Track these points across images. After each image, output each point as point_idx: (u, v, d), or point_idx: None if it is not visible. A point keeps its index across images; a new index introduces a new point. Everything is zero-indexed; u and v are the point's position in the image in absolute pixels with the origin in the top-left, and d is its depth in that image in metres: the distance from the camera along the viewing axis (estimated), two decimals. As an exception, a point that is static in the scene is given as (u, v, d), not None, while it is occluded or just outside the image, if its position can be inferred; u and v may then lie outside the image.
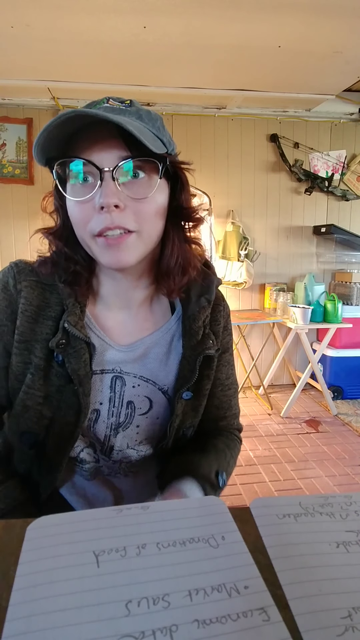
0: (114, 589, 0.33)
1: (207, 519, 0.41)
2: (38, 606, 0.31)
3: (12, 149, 3.10)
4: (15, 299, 0.65)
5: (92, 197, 0.56)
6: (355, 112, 3.38)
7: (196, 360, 0.67)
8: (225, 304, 0.76)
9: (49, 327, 0.64)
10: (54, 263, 0.65)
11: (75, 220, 0.59)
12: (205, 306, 0.70)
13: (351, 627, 0.30)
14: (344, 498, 0.45)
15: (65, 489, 0.73)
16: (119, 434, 0.69)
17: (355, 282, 3.26)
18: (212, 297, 0.71)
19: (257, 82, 2.77)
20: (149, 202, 0.58)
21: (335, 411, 3.02)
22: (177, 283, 0.67)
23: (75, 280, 0.65)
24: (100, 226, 0.56)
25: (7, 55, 2.38)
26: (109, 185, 0.55)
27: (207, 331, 0.70)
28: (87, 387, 0.64)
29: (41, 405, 0.64)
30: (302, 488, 2.10)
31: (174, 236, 0.66)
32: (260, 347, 3.43)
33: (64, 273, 0.65)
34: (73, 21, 2.03)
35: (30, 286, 0.65)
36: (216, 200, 3.27)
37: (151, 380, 0.69)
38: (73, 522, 0.40)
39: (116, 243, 0.57)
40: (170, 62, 2.49)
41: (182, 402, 0.68)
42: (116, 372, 0.68)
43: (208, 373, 0.71)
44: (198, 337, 0.68)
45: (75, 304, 0.64)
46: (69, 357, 0.62)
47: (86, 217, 0.57)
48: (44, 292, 0.65)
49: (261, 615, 0.31)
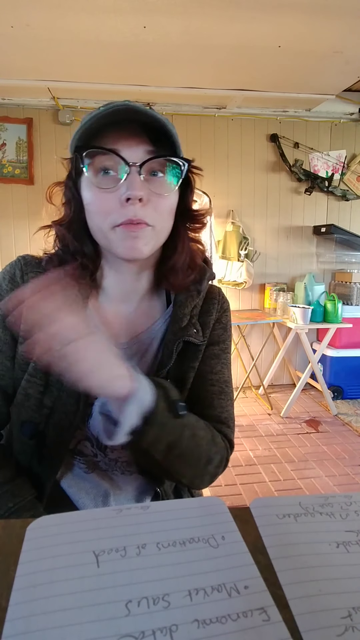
0: (114, 589, 0.33)
1: (207, 519, 0.41)
2: (38, 606, 0.31)
3: (12, 149, 3.10)
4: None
5: (117, 188, 0.58)
6: (355, 112, 3.38)
7: (174, 344, 0.67)
8: (221, 299, 0.76)
9: None
10: (61, 260, 0.66)
11: (96, 210, 0.60)
12: (194, 294, 0.71)
13: (351, 627, 0.30)
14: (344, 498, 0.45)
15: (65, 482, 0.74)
16: None
17: (355, 282, 3.26)
18: (202, 287, 0.72)
19: (257, 82, 2.77)
20: (166, 199, 0.61)
21: (335, 411, 3.02)
22: (182, 279, 0.69)
23: (81, 273, 0.66)
24: (123, 217, 0.58)
25: (7, 55, 2.38)
26: (135, 178, 0.57)
27: (194, 320, 0.71)
28: None
29: (42, 394, 0.65)
30: (302, 488, 2.10)
31: (184, 236, 0.69)
32: (260, 347, 3.43)
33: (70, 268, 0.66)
34: (73, 21, 2.03)
35: (37, 277, 0.66)
36: (216, 200, 3.27)
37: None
38: (73, 522, 0.40)
39: (136, 229, 0.59)
40: (170, 62, 2.49)
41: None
42: None
43: (192, 365, 0.70)
44: (182, 323, 0.69)
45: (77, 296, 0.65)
46: None
47: (109, 207, 0.59)
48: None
49: (261, 615, 0.31)
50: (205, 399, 0.71)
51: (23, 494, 0.64)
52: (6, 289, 0.67)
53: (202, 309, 0.73)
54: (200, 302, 0.73)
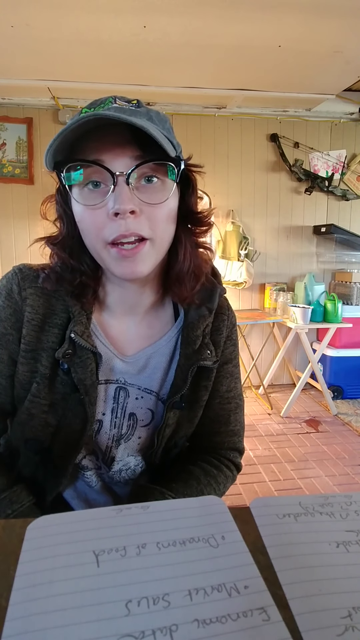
0: (114, 589, 0.33)
1: (207, 519, 0.41)
2: (38, 606, 0.31)
3: (12, 149, 3.10)
4: (20, 307, 0.63)
5: (105, 202, 0.53)
6: (355, 111, 3.38)
7: (189, 369, 0.65)
8: (230, 314, 0.73)
9: (55, 336, 0.63)
10: (58, 277, 0.62)
11: (86, 228, 0.56)
12: (206, 315, 0.67)
13: (351, 627, 0.30)
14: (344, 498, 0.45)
15: (68, 494, 0.73)
16: (120, 445, 0.69)
17: (355, 282, 3.26)
18: (214, 305, 0.68)
19: (257, 81, 2.77)
20: (162, 207, 0.56)
21: (335, 411, 3.02)
22: (189, 290, 0.65)
23: (82, 292, 0.63)
24: (114, 234, 0.54)
25: (7, 54, 2.38)
26: (123, 190, 0.52)
27: (207, 341, 0.67)
28: (93, 396, 0.63)
29: (46, 413, 0.63)
30: (302, 488, 2.10)
31: (186, 241, 0.64)
32: (260, 346, 3.43)
33: (69, 286, 0.62)
34: (73, 21, 2.03)
35: (35, 293, 0.63)
36: (216, 200, 3.27)
37: (154, 392, 0.68)
38: (73, 521, 0.40)
39: (131, 255, 0.55)
40: (170, 62, 2.48)
41: (175, 411, 0.67)
42: (120, 383, 0.67)
43: (205, 384, 0.68)
44: (195, 346, 0.66)
45: (81, 312, 0.63)
46: (75, 366, 0.61)
47: (98, 224, 0.54)
48: (50, 299, 0.64)
49: (261, 615, 0.31)
50: (223, 416, 0.73)
51: (21, 500, 0.63)
52: (3, 305, 0.64)
53: (213, 326, 0.70)
54: (211, 320, 0.69)
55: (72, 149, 0.54)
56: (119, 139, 0.53)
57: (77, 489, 0.73)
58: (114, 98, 0.56)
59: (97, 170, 0.53)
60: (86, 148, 0.53)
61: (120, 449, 0.69)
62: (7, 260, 3.17)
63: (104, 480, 0.72)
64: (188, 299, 0.66)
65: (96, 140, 0.53)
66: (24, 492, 0.65)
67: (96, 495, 0.73)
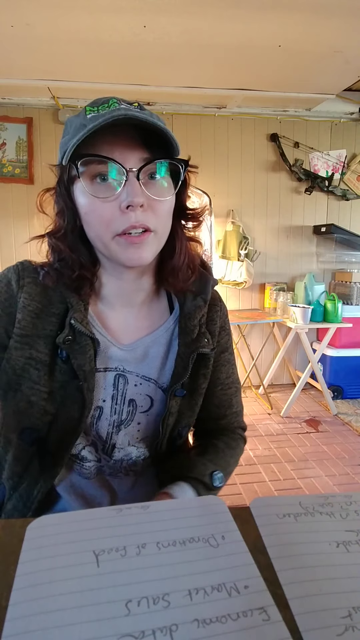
0: (114, 589, 0.33)
1: (207, 519, 0.41)
2: (38, 605, 0.31)
3: (12, 149, 3.09)
4: (15, 293, 0.65)
5: (117, 196, 0.57)
6: (355, 111, 3.38)
7: (189, 357, 0.68)
8: (222, 305, 0.77)
9: (53, 324, 0.65)
10: (58, 274, 0.64)
11: (95, 220, 0.59)
12: (201, 305, 0.71)
13: (351, 627, 0.30)
14: (344, 498, 0.45)
15: (63, 487, 0.73)
16: (120, 431, 0.70)
17: (355, 281, 3.26)
18: (208, 296, 0.72)
19: (258, 81, 2.77)
20: (165, 203, 0.61)
21: (335, 411, 3.02)
22: (184, 280, 0.69)
23: (79, 285, 0.65)
24: (125, 225, 0.57)
25: (7, 54, 2.38)
26: (135, 185, 0.56)
27: (203, 330, 0.71)
28: (92, 382, 0.65)
29: (45, 400, 0.65)
30: (302, 488, 2.10)
31: (182, 236, 0.68)
32: (260, 346, 3.43)
33: (68, 280, 0.65)
34: (73, 20, 2.02)
35: (33, 282, 0.66)
36: (216, 199, 3.27)
37: (152, 379, 0.70)
38: (73, 521, 0.40)
39: (139, 241, 0.59)
40: (170, 62, 2.48)
41: (176, 399, 0.69)
42: (119, 371, 0.69)
43: (204, 372, 0.72)
44: (193, 335, 0.70)
45: (79, 302, 0.65)
46: (75, 352, 0.63)
47: (108, 216, 0.58)
48: (47, 290, 0.66)
49: (261, 615, 0.31)
50: (226, 401, 0.79)
51: None
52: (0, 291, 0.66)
53: (208, 317, 0.74)
54: (205, 311, 0.73)
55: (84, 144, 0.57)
56: (130, 138, 0.57)
57: (72, 482, 0.73)
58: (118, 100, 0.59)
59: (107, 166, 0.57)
60: (97, 144, 0.57)
61: (121, 435, 0.70)
62: (7, 259, 3.17)
63: (103, 472, 0.73)
64: (183, 289, 0.70)
65: (108, 138, 0.57)
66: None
67: (92, 490, 0.73)
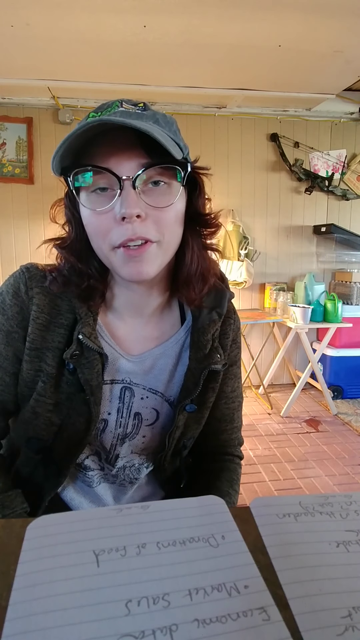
0: (114, 588, 0.33)
1: (207, 519, 0.41)
2: (38, 605, 0.31)
3: (12, 149, 3.09)
4: (27, 306, 0.63)
5: (112, 207, 0.54)
6: (355, 111, 3.37)
7: (201, 373, 0.66)
8: (236, 318, 0.74)
9: (61, 336, 0.63)
10: (65, 281, 0.62)
11: (93, 232, 0.57)
12: (216, 320, 0.68)
13: (351, 627, 0.30)
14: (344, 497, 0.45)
15: (67, 494, 0.73)
16: (125, 443, 0.69)
17: (355, 281, 3.26)
18: (224, 310, 0.69)
19: (258, 81, 2.77)
20: (169, 210, 0.56)
21: (335, 411, 3.02)
22: (197, 292, 0.65)
23: (89, 295, 0.63)
24: (121, 238, 0.54)
25: (7, 54, 2.38)
26: (129, 194, 0.53)
27: (216, 344, 0.68)
28: (99, 396, 0.63)
29: (51, 412, 0.64)
30: (302, 487, 2.10)
31: (193, 244, 0.64)
32: (260, 346, 3.43)
33: (76, 289, 0.62)
34: (73, 20, 2.02)
35: (42, 293, 0.63)
36: (216, 199, 3.27)
37: (159, 392, 0.68)
38: (73, 521, 0.40)
39: (138, 253, 0.55)
40: (170, 61, 2.48)
41: (184, 414, 0.68)
42: (126, 383, 0.67)
43: (213, 386, 0.70)
44: (205, 350, 0.67)
45: (88, 314, 0.63)
46: (82, 367, 0.62)
47: (105, 228, 0.55)
48: (55, 299, 0.64)
49: (261, 615, 0.31)
50: (228, 415, 0.76)
51: (13, 507, 0.63)
52: (10, 304, 0.64)
53: (221, 330, 0.71)
54: (220, 325, 0.70)
55: (79, 154, 0.54)
56: (126, 143, 0.53)
57: (78, 490, 0.73)
58: (121, 102, 0.57)
59: (104, 175, 0.53)
60: (94, 153, 0.54)
61: (125, 446, 0.69)
62: (7, 259, 3.17)
63: (107, 481, 0.72)
64: (196, 301, 0.66)
65: (103, 145, 0.53)
66: (18, 498, 0.64)
67: (97, 497, 0.73)
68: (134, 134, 0.52)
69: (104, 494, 0.73)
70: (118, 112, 0.54)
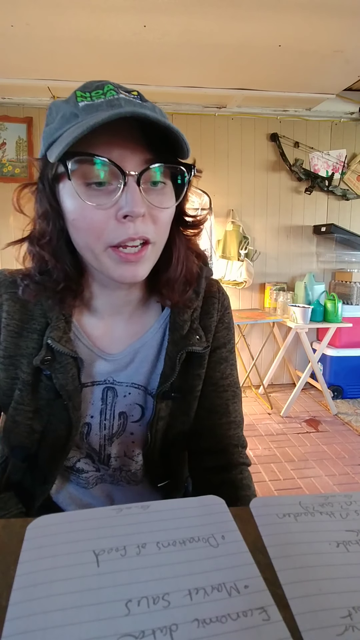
0: (114, 588, 0.33)
1: (207, 519, 0.41)
2: (38, 605, 0.31)
3: (12, 148, 3.09)
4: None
5: (114, 203, 0.49)
6: (355, 111, 3.37)
7: (177, 355, 0.62)
8: (221, 296, 0.69)
9: (34, 341, 0.61)
10: (39, 288, 0.58)
11: (84, 228, 0.51)
12: (193, 298, 0.65)
13: (351, 627, 0.30)
14: (344, 497, 0.45)
15: (61, 498, 0.72)
16: (113, 442, 0.68)
17: (355, 281, 3.26)
18: (200, 288, 0.66)
19: (258, 81, 2.77)
20: (167, 211, 0.54)
21: (335, 410, 3.02)
22: (180, 294, 0.62)
23: (63, 297, 0.59)
24: (122, 237, 0.50)
25: (7, 54, 2.38)
26: (135, 191, 0.49)
27: (195, 325, 0.65)
28: (77, 400, 0.61)
29: (31, 419, 0.62)
30: (302, 487, 2.10)
31: (180, 245, 0.61)
32: (260, 346, 3.43)
33: (51, 293, 0.58)
34: (73, 20, 2.02)
35: (11, 299, 0.61)
36: (216, 199, 3.27)
37: (142, 386, 0.66)
38: (73, 521, 0.40)
39: (136, 259, 0.52)
40: (170, 61, 2.48)
41: (166, 402, 0.64)
42: (108, 383, 0.65)
43: (198, 372, 0.66)
44: (183, 331, 0.63)
45: (59, 317, 0.60)
46: (56, 372, 0.59)
47: (101, 225, 0.50)
48: (27, 304, 0.62)
49: (261, 615, 0.31)
50: (220, 406, 0.68)
51: (8, 508, 0.62)
52: None
53: (202, 310, 0.67)
54: (200, 304, 0.66)
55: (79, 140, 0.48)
56: (130, 136, 0.49)
57: (70, 493, 0.72)
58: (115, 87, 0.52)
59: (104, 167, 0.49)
60: (94, 142, 0.48)
61: (114, 445, 0.68)
62: (7, 259, 3.17)
63: (105, 482, 0.72)
64: (179, 303, 0.63)
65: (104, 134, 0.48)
66: (12, 500, 0.64)
67: (92, 499, 0.72)
68: (139, 127, 0.49)
69: (101, 495, 0.72)
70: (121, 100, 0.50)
